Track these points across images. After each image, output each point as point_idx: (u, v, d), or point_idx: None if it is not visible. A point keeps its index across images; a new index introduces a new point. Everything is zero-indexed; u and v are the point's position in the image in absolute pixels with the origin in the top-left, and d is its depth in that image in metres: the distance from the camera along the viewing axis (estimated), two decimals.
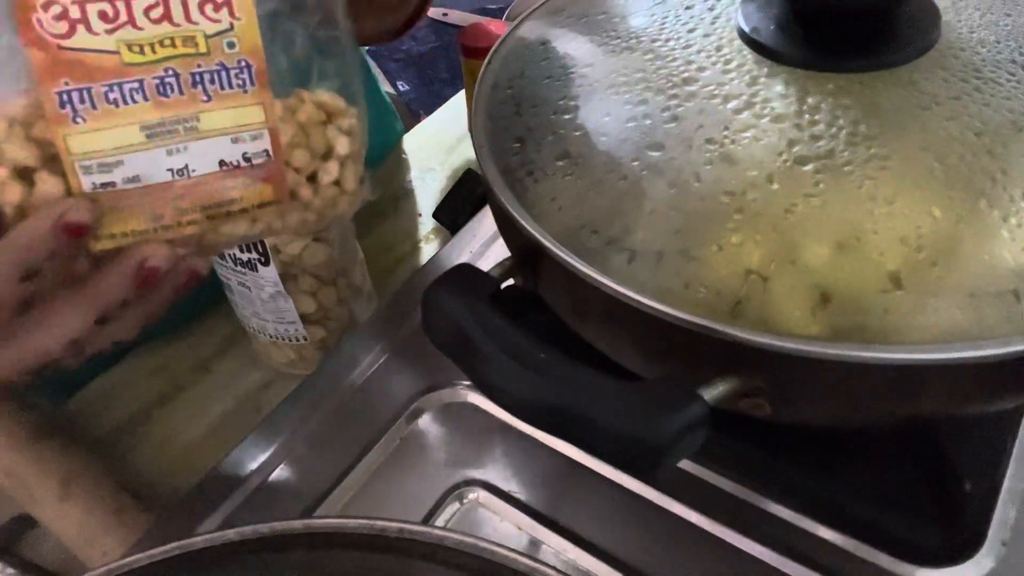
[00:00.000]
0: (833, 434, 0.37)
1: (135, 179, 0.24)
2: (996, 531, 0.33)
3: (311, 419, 0.40)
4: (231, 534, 0.26)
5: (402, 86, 1.33)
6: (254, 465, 0.38)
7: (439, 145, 0.69)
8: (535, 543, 0.40)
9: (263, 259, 0.43)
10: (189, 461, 0.46)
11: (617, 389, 0.26)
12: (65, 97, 0.23)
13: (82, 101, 0.23)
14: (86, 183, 0.23)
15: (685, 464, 0.37)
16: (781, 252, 0.27)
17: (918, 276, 0.26)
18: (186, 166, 0.24)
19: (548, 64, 0.36)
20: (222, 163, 0.25)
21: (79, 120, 0.23)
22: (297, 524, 0.26)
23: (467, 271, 0.31)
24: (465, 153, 0.68)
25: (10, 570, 0.42)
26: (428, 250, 0.60)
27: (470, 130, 0.35)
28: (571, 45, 0.37)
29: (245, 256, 0.43)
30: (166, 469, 0.46)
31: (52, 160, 0.23)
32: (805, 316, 0.26)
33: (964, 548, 0.33)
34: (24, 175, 0.23)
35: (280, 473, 0.38)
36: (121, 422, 0.49)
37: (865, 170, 0.27)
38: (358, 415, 0.42)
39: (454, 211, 0.56)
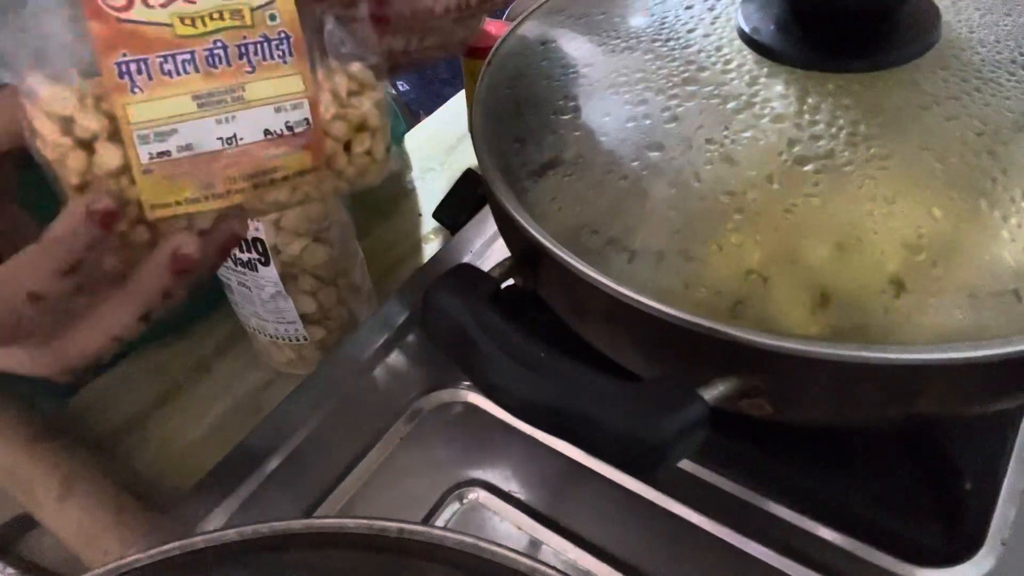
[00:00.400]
0: (833, 434, 0.37)
1: (188, 147, 0.25)
2: (996, 531, 0.33)
3: (311, 419, 0.40)
4: (231, 534, 0.26)
5: (402, 86, 1.33)
6: (254, 465, 0.38)
7: (439, 145, 0.69)
8: (535, 543, 0.40)
9: (263, 259, 0.43)
10: (189, 461, 0.46)
11: (617, 389, 0.26)
12: (123, 68, 0.24)
13: (139, 72, 0.24)
14: (143, 154, 0.24)
15: (685, 464, 0.37)
16: (781, 252, 0.27)
17: (918, 276, 0.26)
18: (234, 135, 0.25)
19: (548, 64, 0.36)
20: (267, 132, 0.26)
21: (136, 90, 0.24)
22: (297, 524, 0.26)
23: (467, 271, 0.31)
24: (465, 153, 0.67)
25: (10, 570, 0.42)
26: (428, 250, 0.59)
27: (470, 130, 0.35)
28: (571, 45, 0.37)
29: (245, 256, 0.43)
30: (166, 469, 0.46)
31: (115, 133, 0.24)
32: (805, 316, 0.26)
33: (964, 548, 0.33)
34: (85, 145, 0.24)
35: (280, 473, 0.38)
36: (121, 422, 0.49)
37: (865, 170, 0.27)
38: (358, 415, 0.42)
39: (454, 211, 0.56)
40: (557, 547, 0.40)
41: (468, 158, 0.66)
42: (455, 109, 0.74)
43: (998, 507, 0.33)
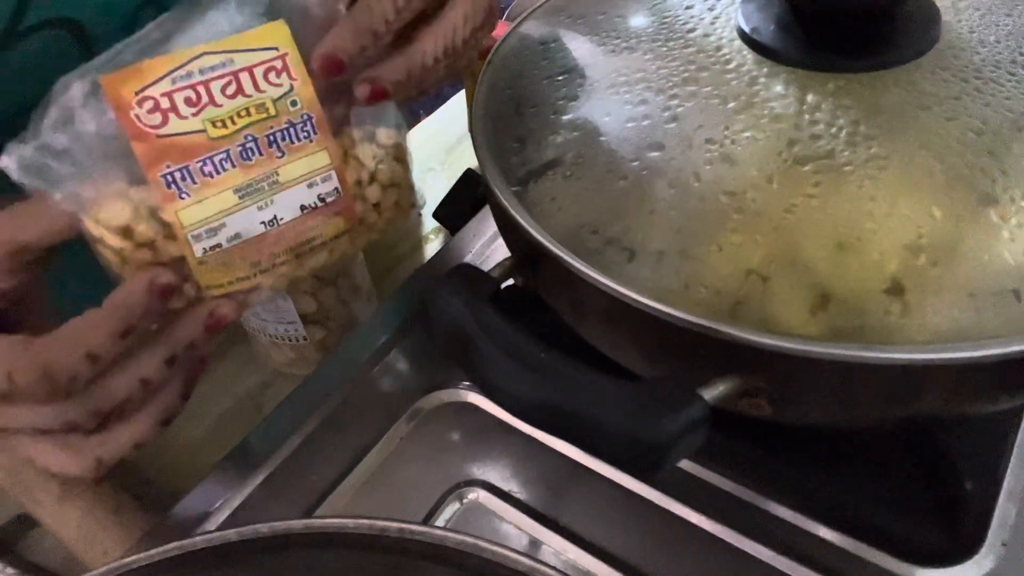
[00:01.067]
0: (833, 434, 0.37)
1: (236, 236, 0.27)
2: (996, 531, 0.33)
3: (311, 419, 0.40)
4: (231, 534, 0.26)
5: None
6: (254, 465, 0.38)
7: (439, 145, 0.69)
8: (535, 543, 0.40)
9: None
10: (189, 461, 0.46)
11: (617, 389, 0.26)
12: (170, 178, 0.25)
13: (183, 179, 0.26)
14: (197, 250, 0.26)
15: (685, 464, 0.37)
16: (781, 252, 0.27)
17: (918, 276, 0.26)
18: (275, 217, 0.27)
19: (548, 64, 0.36)
20: (303, 207, 0.28)
21: (184, 196, 0.26)
22: (297, 524, 0.26)
23: (467, 271, 0.31)
24: (465, 153, 0.67)
25: (10, 570, 0.42)
26: (428, 250, 0.60)
27: (470, 130, 0.35)
28: (571, 45, 0.37)
29: None
30: (166, 469, 0.46)
31: (170, 233, 0.26)
32: (805, 316, 0.26)
33: (964, 548, 0.33)
34: (146, 245, 0.26)
35: (280, 473, 0.38)
36: None
37: (865, 170, 0.27)
38: (358, 415, 0.42)
39: (454, 211, 0.56)
40: (557, 547, 0.40)
41: (468, 158, 0.66)
42: (455, 109, 0.74)
43: (998, 507, 0.33)
